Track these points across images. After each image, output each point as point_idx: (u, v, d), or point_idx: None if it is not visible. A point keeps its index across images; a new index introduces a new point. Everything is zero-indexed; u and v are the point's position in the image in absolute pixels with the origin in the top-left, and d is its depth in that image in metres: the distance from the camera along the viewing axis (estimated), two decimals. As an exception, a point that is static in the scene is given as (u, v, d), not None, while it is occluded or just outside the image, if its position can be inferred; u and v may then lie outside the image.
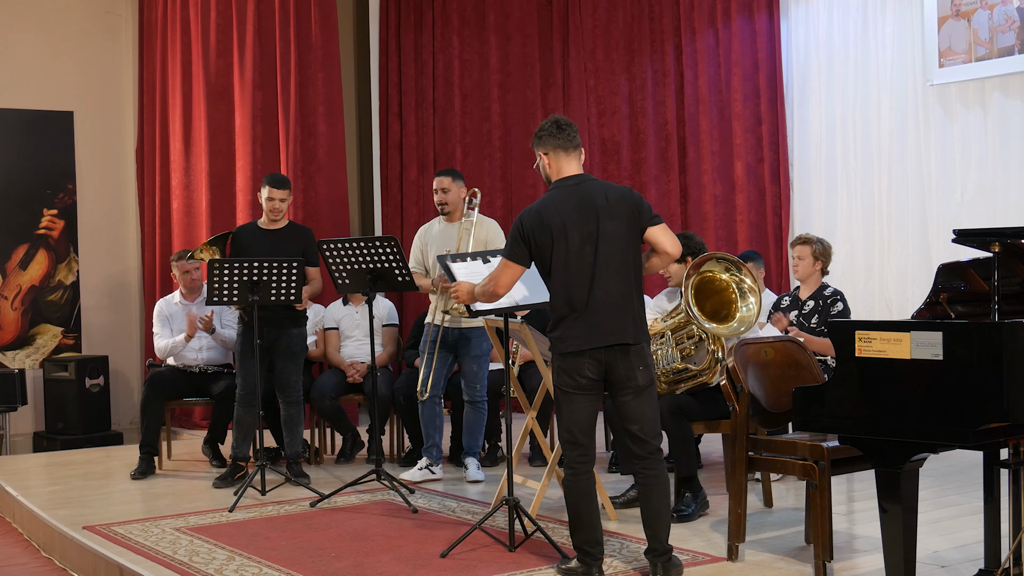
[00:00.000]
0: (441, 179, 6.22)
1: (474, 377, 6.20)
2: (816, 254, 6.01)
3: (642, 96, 9.09)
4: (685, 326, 5.20)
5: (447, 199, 6.18)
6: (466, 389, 6.24)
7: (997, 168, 7.17)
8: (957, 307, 3.96)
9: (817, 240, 6.07)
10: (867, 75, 7.86)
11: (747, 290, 4.90)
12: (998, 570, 3.87)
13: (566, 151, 4.29)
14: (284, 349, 6.27)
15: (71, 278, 9.06)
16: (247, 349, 6.17)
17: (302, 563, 4.60)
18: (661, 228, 4.22)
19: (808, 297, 6.00)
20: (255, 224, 6.44)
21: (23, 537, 5.90)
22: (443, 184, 6.19)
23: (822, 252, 6.02)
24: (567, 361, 4.16)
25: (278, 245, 6.21)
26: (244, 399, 6.25)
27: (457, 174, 6.26)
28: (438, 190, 6.21)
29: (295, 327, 6.29)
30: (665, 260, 4.31)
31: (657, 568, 4.18)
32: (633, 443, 4.23)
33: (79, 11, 9.18)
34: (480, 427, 6.28)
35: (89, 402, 8.49)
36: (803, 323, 5.93)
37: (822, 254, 6.02)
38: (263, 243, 6.23)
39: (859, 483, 5.67)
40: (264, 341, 6.14)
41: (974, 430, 3.39)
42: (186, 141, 8.81)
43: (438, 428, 6.26)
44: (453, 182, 6.19)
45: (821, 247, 6.03)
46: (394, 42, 9.44)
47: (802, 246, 6.05)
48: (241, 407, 6.26)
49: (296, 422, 6.37)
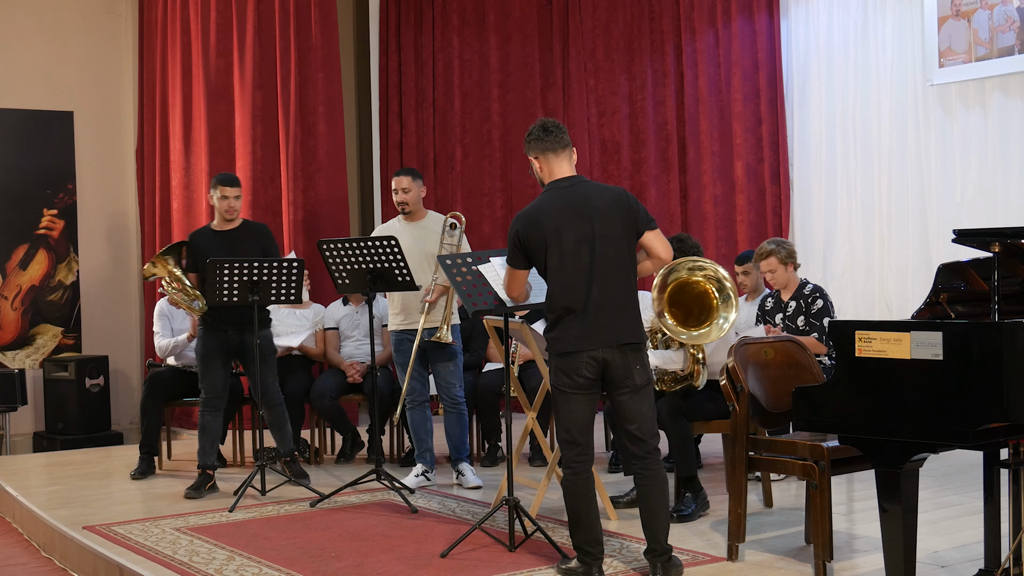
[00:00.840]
0: (400, 179, 6.12)
1: (448, 380, 6.11)
2: (783, 259, 5.82)
3: (642, 96, 9.09)
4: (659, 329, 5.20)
5: (407, 199, 6.11)
6: (442, 394, 6.14)
7: (997, 168, 7.17)
8: (957, 307, 3.97)
9: (776, 245, 5.87)
10: (867, 75, 7.86)
11: (730, 293, 4.86)
12: (998, 570, 3.87)
13: (555, 153, 4.30)
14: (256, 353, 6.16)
15: (71, 278, 9.06)
16: (212, 351, 6.07)
17: (302, 563, 4.60)
18: (655, 234, 4.27)
19: (790, 298, 5.89)
20: (209, 228, 6.29)
21: (23, 537, 5.90)
22: (403, 184, 6.11)
23: (788, 254, 5.83)
24: (565, 361, 4.17)
25: (236, 245, 6.09)
26: (211, 403, 6.13)
27: (416, 174, 6.18)
28: (398, 190, 6.12)
29: (263, 329, 6.16)
30: (657, 264, 4.36)
31: (657, 568, 4.18)
32: (631, 442, 4.25)
33: (79, 11, 9.19)
34: (464, 431, 6.19)
35: (89, 402, 8.49)
36: (789, 325, 5.85)
37: (788, 256, 5.83)
38: (221, 245, 6.08)
39: (859, 483, 5.67)
40: (232, 344, 6.08)
41: (974, 430, 3.39)
42: (186, 141, 8.81)
43: (429, 432, 6.21)
44: (413, 182, 6.12)
45: (784, 250, 5.84)
46: (394, 42, 9.45)
47: (767, 260, 5.84)
48: (208, 413, 6.13)
49: (283, 422, 6.30)
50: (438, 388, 6.16)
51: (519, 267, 4.31)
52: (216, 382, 6.11)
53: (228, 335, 6.09)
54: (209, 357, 6.11)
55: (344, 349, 7.15)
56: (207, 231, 6.28)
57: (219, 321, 6.07)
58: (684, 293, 4.93)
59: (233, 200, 6.16)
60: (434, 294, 5.95)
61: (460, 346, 6.18)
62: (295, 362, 7.08)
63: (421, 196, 6.19)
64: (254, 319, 5.89)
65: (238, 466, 6.97)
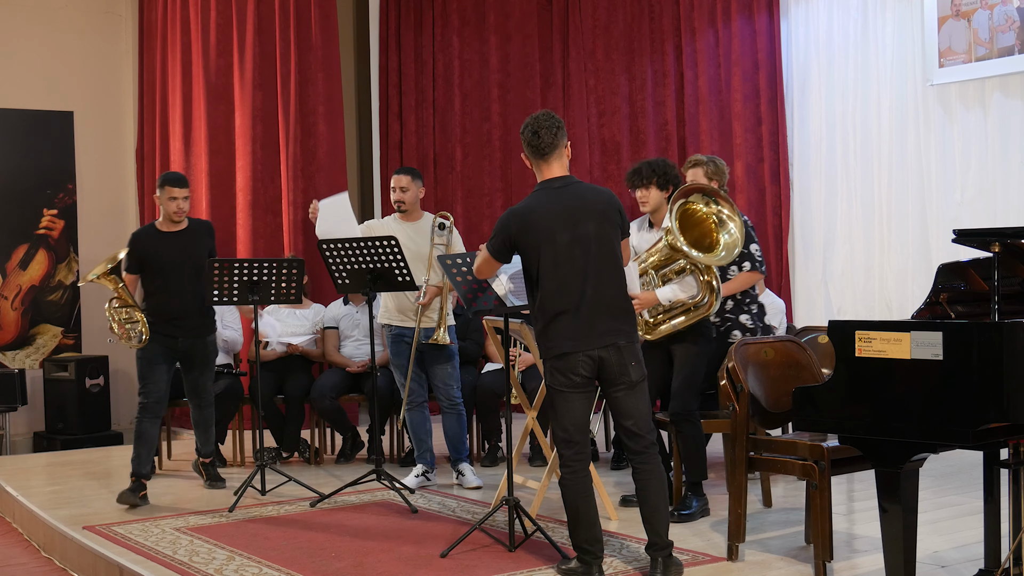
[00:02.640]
0: (400, 177, 6.12)
1: (446, 382, 6.11)
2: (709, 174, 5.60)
3: (642, 96, 9.08)
4: (668, 262, 5.12)
5: (405, 198, 6.10)
6: (440, 395, 6.14)
7: (997, 168, 7.17)
8: (957, 307, 3.96)
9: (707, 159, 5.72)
10: (867, 75, 7.85)
11: (726, 218, 4.92)
12: (998, 570, 3.87)
13: (544, 158, 4.30)
14: (202, 358, 6.12)
15: (71, 278, 9.06)
16: (158, 356, 5.94)
17: (302, 563, 4.60)
18: (624, 243, 4.35)
19: None
20: (154, 228, 6.10)
21: (23, 537, 5.90)
22: (402, 183, 6.10)
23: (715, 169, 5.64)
24: (560, 361, 4.19)
25: (186, 247, 6.01)
26: (152, 409, 5.96)
27: (416, 174, 6.18)
28: (396, 188, 6.11)
29: (209, 334, 6.15)
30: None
31: (657, 564, 4.19)
32: (628, 439, 4.27)
33: (79, 11, 9.19)
34: (463, 431, 6.19)
35: (89, 402, 8.49)
36: None
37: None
38: (170, 248, 5.98)
39: (859, 483, 5.67)
40: (180, 349, 6.02)
41: (974, 430, 3.39)
42: (186, 141, 8.81)
43: (428, 432, 6.20)
44: (412, 181, 6.12)
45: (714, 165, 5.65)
46: (394, 42, 9.45)
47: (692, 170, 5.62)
48: (147, 419, 5.95)
49: (210, 423, 6.26)
50: (435, 389, 6.16)
51: (500, 260, 4.36)
52: (160, 388, 5.96)
53: (177, 342, 5.98)
54: (154, 362, 5.95)
55: (344, 349, 7.15)
56: (152, 231, 6.09)
57: (168, 327, 5.94)
58: (688, 219, 4.97)
59: (182, 201, 5.99)
60: (427, 296, 5.96)
61: (456, 346, 6.19)
62: (295, 362, 7.08)
63: (419, 197, 6.19)
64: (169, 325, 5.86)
65: (238, 466, 6.97)
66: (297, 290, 5.98)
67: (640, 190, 5.39)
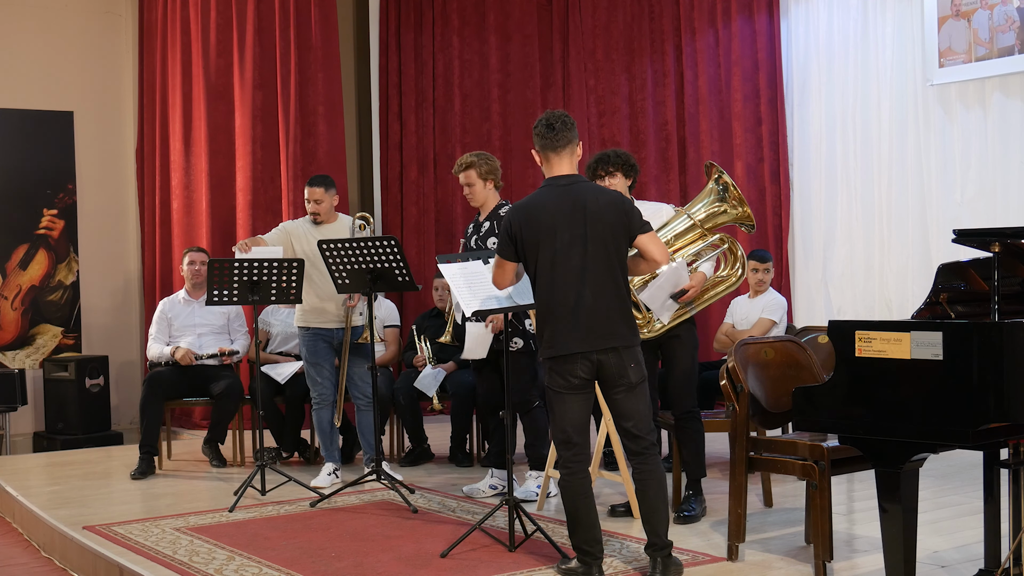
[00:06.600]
0: (313, 190, 6.24)
1: (364, 380, 6.16)
2: (482, 174, 5.77)
3: (642, 96, 9.08)
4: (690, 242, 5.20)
5: (320, 209, 6.24)
6: (356, 392, 6.20)
7: (997, 168, 7.17)
8: (957, 307, 3.96)
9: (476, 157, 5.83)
10: (867, 75, 7.85)
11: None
12: (998, 570, 3.87)
13: (556, 152, 4.29)
14: None
15: (71, 278, 9.06)
16: None
17: (302, 563, 4.60)
18: (650, 236, 4.26)
19: (484, 218, 5.80)
20: None
21: (23, 537, 5.90)
22: (316, 195, 6.23)
23: (488, 170, 5.79)
24: (558, 363, 4.17)
25: None
26: None
27: (330, 182, 6.31)
28: (311, 200, 6.25)
29: None
30: (652, 267, 4.38)
31: (657, 564, 4.19)
32: (627, 439, 4.27)
33: (79, 11, 9.19)
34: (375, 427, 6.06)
35: (89, 402, 8.49)
36: (481, 246, 5.72)
37: (489, 172, 5.80)
38: None
39: (859, 483, 5.67)
40: None
41: (974, 430, 3.39)
42: (186, 141, 8.81)
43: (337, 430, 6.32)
44: (325, 192, 6.24)
45: (486, 165, 5.79)
46: (394, 42, 9.45)
47: (465, 172, 5.81)
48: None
49: None
50: (353, 388, 6.23)
51: (508, 258, 4.30)
52: None
53: None
54: None
55: (344, 349, 7.15)
56: None
57: None
58: None
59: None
60: (355, 298, 6.03)
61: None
62: (295, 362, 7.08)
63: (333, 205, 6.31)
64: None
65: (238, 466, 6.97)
66: (297, 290, 5.99)
67: (608, 178, 5.39)
